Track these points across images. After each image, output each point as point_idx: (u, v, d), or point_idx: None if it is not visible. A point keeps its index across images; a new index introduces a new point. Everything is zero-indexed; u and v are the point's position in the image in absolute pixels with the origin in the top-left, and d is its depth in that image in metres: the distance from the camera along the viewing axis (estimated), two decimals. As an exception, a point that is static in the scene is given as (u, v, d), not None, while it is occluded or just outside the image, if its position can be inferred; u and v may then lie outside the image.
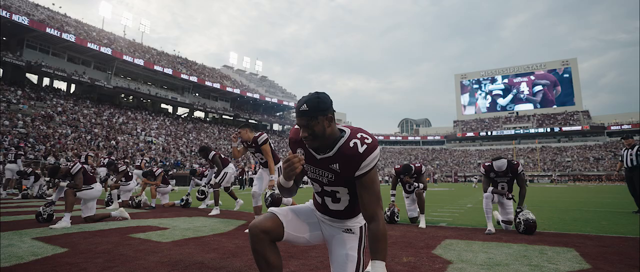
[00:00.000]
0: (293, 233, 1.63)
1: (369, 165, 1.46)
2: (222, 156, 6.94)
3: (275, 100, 56.23)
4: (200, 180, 7.71)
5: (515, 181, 4.46)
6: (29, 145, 21.12)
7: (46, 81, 35.26)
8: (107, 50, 35.76)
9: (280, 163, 4.36)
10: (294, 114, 59.62)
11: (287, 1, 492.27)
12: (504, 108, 73.57)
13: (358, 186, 1.51)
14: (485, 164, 4.51)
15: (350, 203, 1.63)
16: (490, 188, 4.43)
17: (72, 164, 4.70)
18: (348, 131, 1.53)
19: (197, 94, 48.45)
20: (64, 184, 4.71)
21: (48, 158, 20.02)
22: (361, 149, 1.45)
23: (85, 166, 4.92)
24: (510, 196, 4.42)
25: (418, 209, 4.99)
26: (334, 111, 1.55)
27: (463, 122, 75.24)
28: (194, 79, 44.19)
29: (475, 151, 65.03)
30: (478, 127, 71.42)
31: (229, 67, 61.38)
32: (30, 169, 11.34)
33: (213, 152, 6.70)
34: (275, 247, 1.59)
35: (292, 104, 61.58)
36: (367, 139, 1.49)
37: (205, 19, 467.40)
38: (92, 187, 4.73)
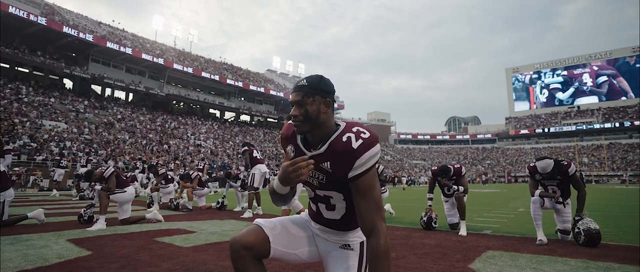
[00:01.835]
0: (281, 249, 1.40)
1: (364, 165, 1.21)
2: (256, 155, 6.68)
3: (319, 102, 56.56)
4: (235, 182, 7.78)
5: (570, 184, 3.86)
6: (93, 150, 23.05)
7: (108, 91, 38.46)
8: (159, 61, 38.21)
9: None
10: (337, 115, 59.82)
11: (329, 3, 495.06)
12: (562, 102, 67.47)
13: (353, 190, 1.26)
14: (530, 164, 3.96)
15: (347, 211, 1.38)
16: (538, 191, 3.87)
17: (105, 168, 4.89)
18: (343, 125, 1.30)
19: (242, 99, 50.16)
20: (98, 187, 4.91)
21: (108, 161, 21.73)
22: (355, 145, 1.21)
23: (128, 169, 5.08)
24: (562, 201, 3.82)
25: (458, 215, 4.54)
26: (335, 101, 1.33)
27: (516, 118, 70.21)
28: (239, 84, 45.84)
29: (530, 149, 60.35)
30: (533, 123, 66.22)
31: (273, 71, 62.83)
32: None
33: (244, 148, 6.55)
34: (260, 265, 1.37)
35: (335, 105, 61.39)
36: (364, 133, 1.24)
37: (249, 26, 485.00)
38: (125, 191, 4.89)
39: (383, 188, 6.17)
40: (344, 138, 1.24)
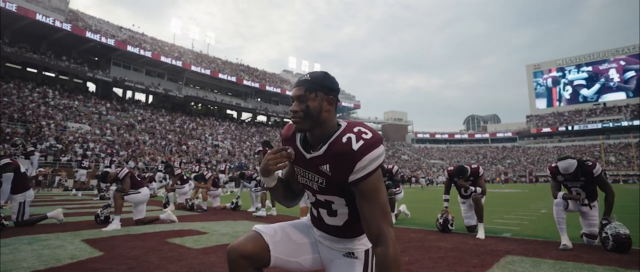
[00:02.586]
0: (282, 257, 1.31)
1: (366, 167, 1.12)
2: None
3: (334, 101, 56.77)
4: (249, 182, 7.79)
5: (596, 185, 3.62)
6: (114, 151, 23.70)
7: (129, 94, 39.53)
8: (178, 63, 39.00)
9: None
10: (353, 114, 59.47)
11: (343, 3, 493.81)
12: (586, 99, 64.88)
13: (356, 195, 1.17)
14: (551, 165, 3.74)
15: (350, 217, 1.29)
16: (561, 193, 3.65)
17: (120, 169, 4.95)
18: (344, 125, 1.21)
19: (259, 99, 50.62)
20: (113, 188, 4.98)
21: (129, 162, 22.31)
22: (356, 146, 1.12)
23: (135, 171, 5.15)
24: (588, 203, 3.59)
25: (476, 217, 4.37)
26: (339, 100, 1.25)
27: (538, 116, 68.00)
28: (255, 85, 46.30)
29: (553, 147, 58.33)
30: (556, 121, 63.98)
31: (289, 72, 63.10)
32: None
33: (260, 149, 6.57)
34: None
35: (351, 104, 61.38)
36: (366, 133, 1.15)
37: (265, 27, 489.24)
38: (139, 192, 4.94)
39: (398, 189, 6.03)
40: (344, 139, 1.15)
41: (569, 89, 67.21)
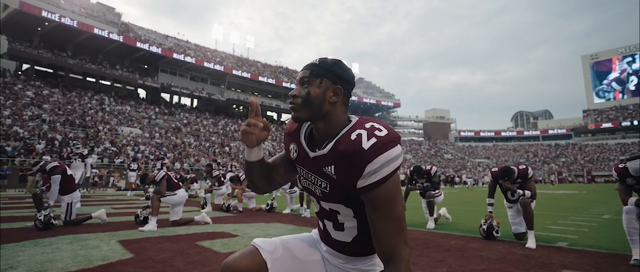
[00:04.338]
0: None
1: (378, 172, 0.91)
2: None
3: (373, 101, 56.67)
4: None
5: None
6: (162, 153, 25.06)
7: (175, 98, 41.73)
8: (219, 68, 40.54)
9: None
10: (394, 113, 58.13)
11: (381, 0, 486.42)
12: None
13: (366, 205, 0.97)
14: (618, 165, 3.22)
15: (360, 233, 1.09)
16: (633, 199, 3.14)
17: (158, 172, 5.09)
18: (355, 120, 1.02)
19: (297, 101, 51.24)
20: (151, 190, 5.13)
21: (175, 164, 23.46)
22: (367, 144, 0.91)
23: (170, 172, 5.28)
24: None
25: (525, 224, 3.94)
26: (350, 94, 1.07)
27: (596, 111, 62.22)
28: (294, 86, 46.88)
29: (615, 145, 53.04)
30: (619, 116, 58.10)
31: (326, 72, 63.26)
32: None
33: None
34: None
35: (391, 103, 60.23)
36: (380, 130, 0.94)
37: (303, 29, 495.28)
38: (175, 193, 5.05)
39: (437, 191, 5.66)
40: (353, 136, 0.95)
41: (634, 79, 60.87)
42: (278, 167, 1.21)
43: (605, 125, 57.38)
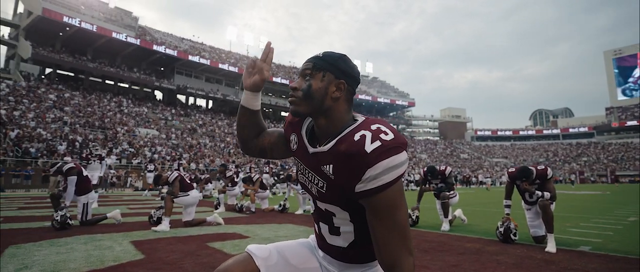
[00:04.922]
0: None
1: (379, 178, 0.84)
2: None
3: (387, 100, 56.36)
4: (296, 185, 7.74)
5: None
6: (178, 154, 25.47)
7: (191, 100, 42.41)
8: (234, 69, 41.00)
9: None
10: (408, 112, 57.49)
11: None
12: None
13: (367, 211, 0.91)
14: None
15: (357, 238, 1.02)
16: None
17: (170, 173, 5.14)
18: (361, 120, 0.96)
19: (311, 101, 51.37)
20: (164, 190, 5.18)
21: (190, 164, 23.81)
22: (370, 147, 0.85)
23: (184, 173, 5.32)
24: None
25: (544, 226, 3.78)
26: (354, 91, 1.02)
27: (620, 108, 60.00)
28: (306, 86, 47.06)
29: (641, 143, 51.09)
30: (646, 113, 55.95)
31: (339, 72, 63.14)
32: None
33: None
34: None
35: (405, 102, 59.62)
36: (386, 133, 0.87)
37: (316, 29, 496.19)
38: (188, 194, 5.08)
39: (452, 192, 5.52)
40: (357, 136, 0.88)
41: (662, 75, 58.47)
42: (277, 141, 1.20)
43: (630, 123, 55.30)
